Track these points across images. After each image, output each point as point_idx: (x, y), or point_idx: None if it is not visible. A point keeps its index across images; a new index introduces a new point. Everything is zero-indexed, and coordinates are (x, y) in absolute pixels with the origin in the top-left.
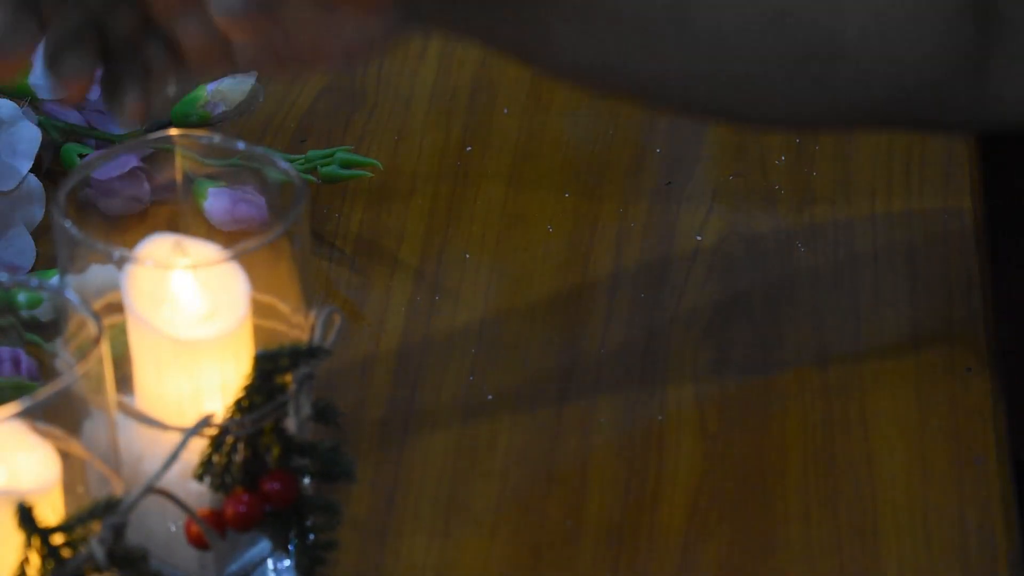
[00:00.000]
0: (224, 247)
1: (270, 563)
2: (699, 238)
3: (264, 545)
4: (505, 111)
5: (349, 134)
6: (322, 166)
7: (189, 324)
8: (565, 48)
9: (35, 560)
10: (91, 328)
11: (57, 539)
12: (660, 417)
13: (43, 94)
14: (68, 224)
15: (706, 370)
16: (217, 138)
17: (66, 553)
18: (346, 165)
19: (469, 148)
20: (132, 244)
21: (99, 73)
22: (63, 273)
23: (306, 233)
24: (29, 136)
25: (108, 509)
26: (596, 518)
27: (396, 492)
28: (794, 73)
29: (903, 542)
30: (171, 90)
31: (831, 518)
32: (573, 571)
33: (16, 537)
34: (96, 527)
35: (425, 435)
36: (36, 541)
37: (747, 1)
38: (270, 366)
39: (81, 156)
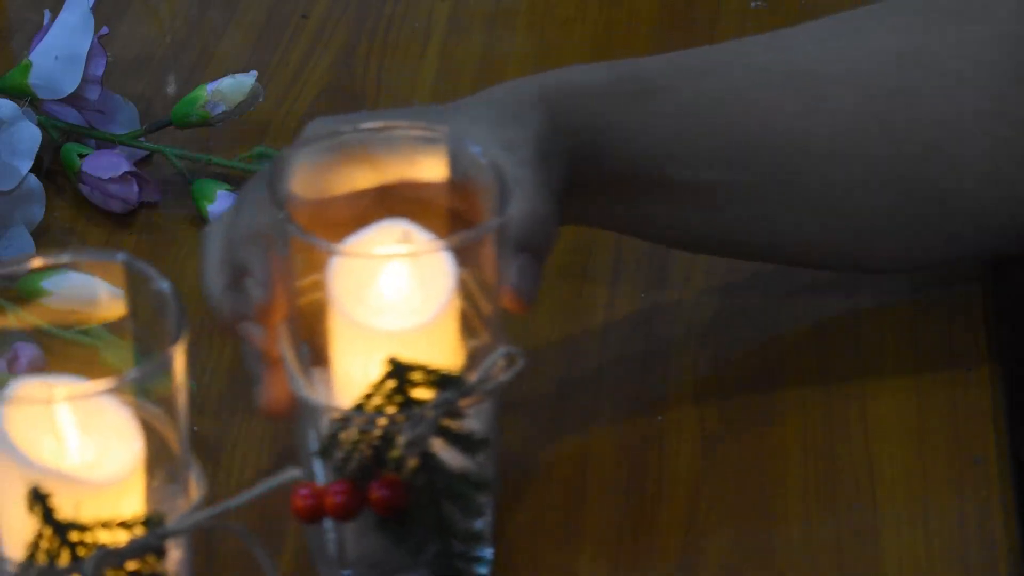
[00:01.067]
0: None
1: None
2: None
3: None
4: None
5: None
6: None
7: (392, 314)
8: (676, 227)
9: (49, 543)
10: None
11: (74, 535)
12: (660, 417)
13: (43, 94)
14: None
15: (706, 370)
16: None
17: (80, 551)
18: None
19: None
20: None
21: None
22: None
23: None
24: (29, 136)
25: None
26: (596, 518)
27: None
28: (909, 224)
29: (903, 542)
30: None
31: (831, 518)
32: (573, 571)
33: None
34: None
35: None
36: (48, 530)
37: (857, 159)
38: (406, 379)
39: (81, 156)
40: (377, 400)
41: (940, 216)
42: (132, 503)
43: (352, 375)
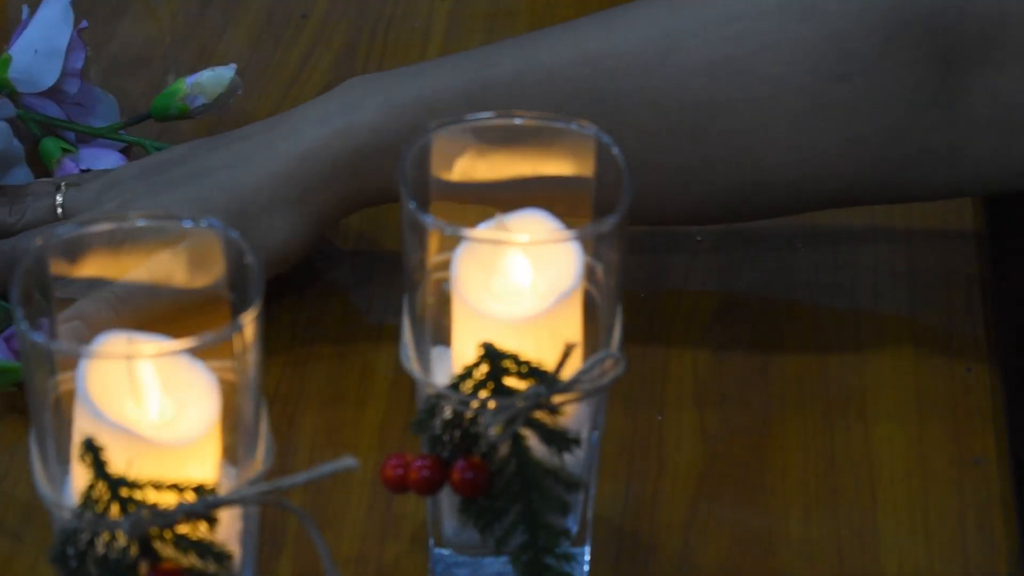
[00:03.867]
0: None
1: None
2: (699, 238)
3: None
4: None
5: None
6: None
7: (510, 302)
8: None
9: (102, 494)
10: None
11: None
12: (660, 417)
13: (23, 88)
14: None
15: (706, 370)
16: None
17: (129, 507)
18: None
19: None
20: None
21: None
22: None
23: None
24: None
25: (200, 496)
26: (596, 518)
27: None
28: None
29: (903, 542)
30: None
31: (831, 518)
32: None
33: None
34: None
35: None
36: (101, 483)
37: (658, 169)
38: (499, 363)
39: (64, 150)
40: (471, 384)
41: (743, 203)
42: (203, 466)
43: (467, 359)
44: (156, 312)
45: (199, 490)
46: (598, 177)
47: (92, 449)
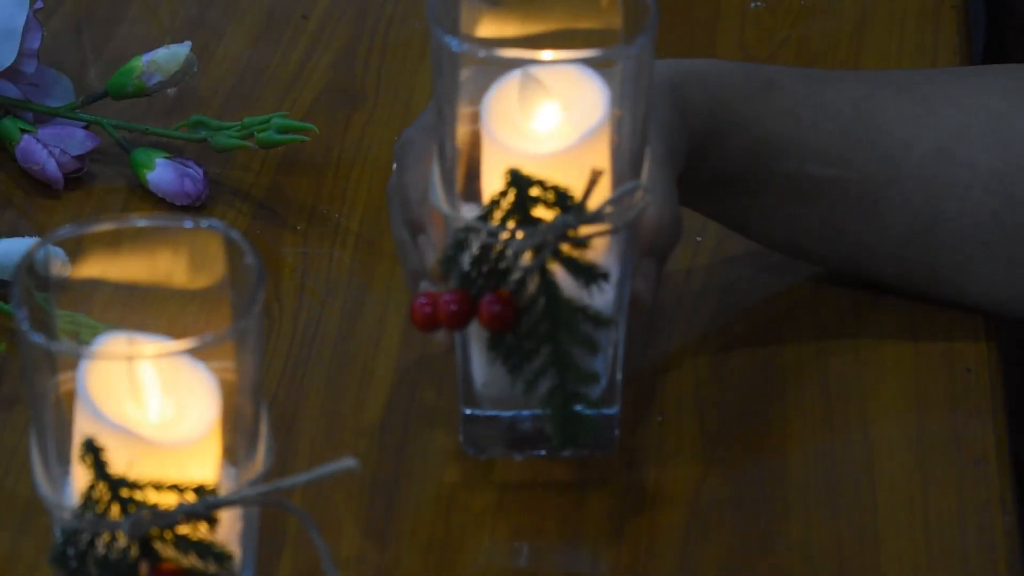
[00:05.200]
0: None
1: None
2: (699, 239)
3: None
4: None
5: (349, 134)
6: (258, 132)
7: (540, 138)
8: (772, 221)
9: (102, 495)
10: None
11: (124, 491)
12: (660, 417)
13: None
14: None
15: (706, 370)
16: None
17: (129, 507)
18: (282, 130)
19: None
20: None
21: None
22: None
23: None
24: None
25: (200, 496)
26: (596, 518)
27: (395, 491)
28: (1010, 238)
29: (903, 542)
30: None
31: (831, 518)
32: (573, 571)
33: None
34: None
35: (424, 434)
36: (101, 483)
37: (964, 165)
38: (525, 191)
39: (23, 131)
40: (499, 215)
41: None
42: (203, 467)
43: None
44: None
45: (199, 491)
46: (624, 26)
47: (92, 450)
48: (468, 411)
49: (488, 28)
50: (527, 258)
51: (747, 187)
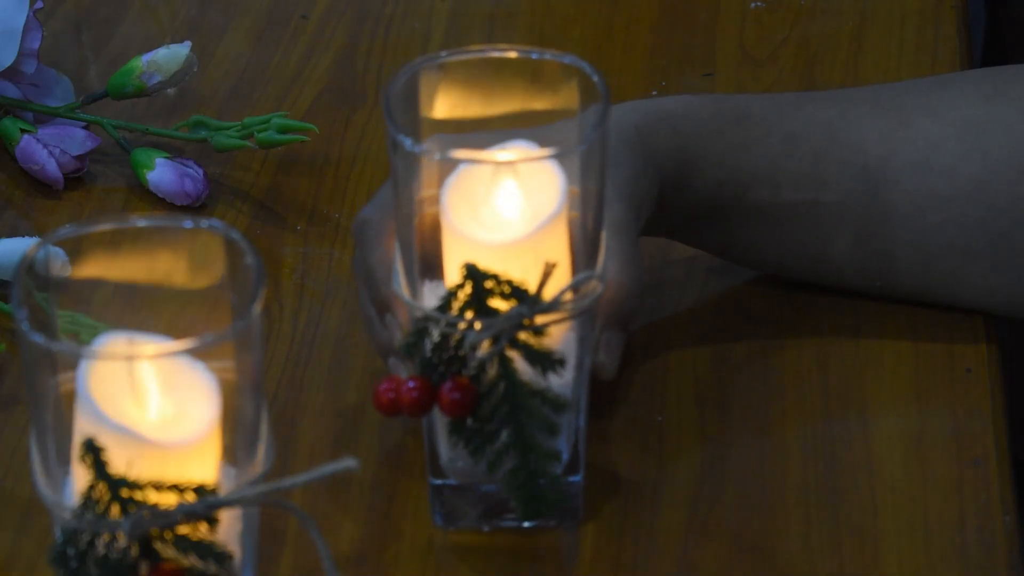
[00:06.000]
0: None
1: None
2: None
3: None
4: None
5: (349, 134)
6: (258, 132)
7: (500, 226)
8: (755, 248)
9: (102, 495)
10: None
11: (124, 491)
12: (660, 417)
13: None
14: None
15: (706, 370)
16: None
17: (129, 507)
18: (282, 130)
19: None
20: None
21: None
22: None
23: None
24: None
25: (201, 496)
26: (596, 518)
27: (398, 486)
28: (997, 243)
29: (903, 542)
30: None
31: (831, 518)
32: (574, 571)
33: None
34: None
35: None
36: (101, 484)
37: (942, 174)
38: (481, 284)
39: (23, 131)
40: (457, 305)
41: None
42: (203, 467)
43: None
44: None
45: (199, 491)
46: (582, 107)
47: (93, 450)
48: (436, 482)
49: (446, 107)
50: (485, 347)
51: (725, 218)
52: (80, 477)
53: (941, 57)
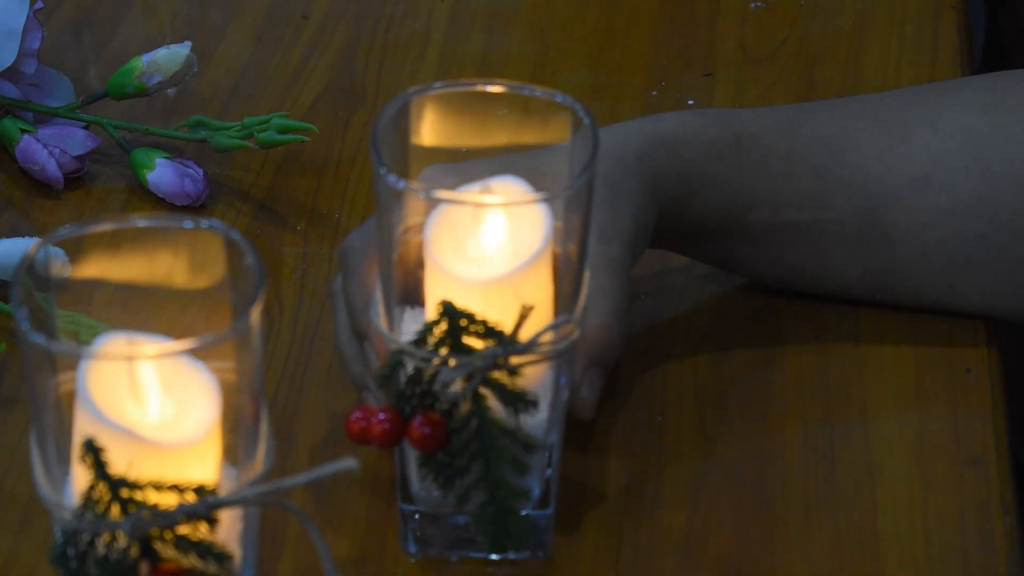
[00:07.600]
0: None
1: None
2: None
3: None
4: (504, 112)
5: (349, 134)
6: (258, 132)
7: (482, 263)
8: (758, 266)
9: (102, 495)
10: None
11: (124, 491)
12: (660, 417)
13: None
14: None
15: (706, 370)
16: None
17: (129, 507)
18: (282, 130)
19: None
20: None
21: None
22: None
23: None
24: None
25: (201, 496)
26: (596, 518)
27: (395, 491)
28: (998, 256)
29: (903, 542)
30: None
31: (831, 518)
32: (574, 571)
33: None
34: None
35: None
36: (101, 484)
37: (942, 190)
38: (456, 322)
39: (23, 131)
40: (432, 341)
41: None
42: (203, 467)
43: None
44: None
45: (200, 491)
46: (572, 144)
47: (93, 450)
48: (407, 508)
49: (435, 138)
50: (459, 384)
51: (726, 236)
52: (80, 477)
53: (941, 57)
